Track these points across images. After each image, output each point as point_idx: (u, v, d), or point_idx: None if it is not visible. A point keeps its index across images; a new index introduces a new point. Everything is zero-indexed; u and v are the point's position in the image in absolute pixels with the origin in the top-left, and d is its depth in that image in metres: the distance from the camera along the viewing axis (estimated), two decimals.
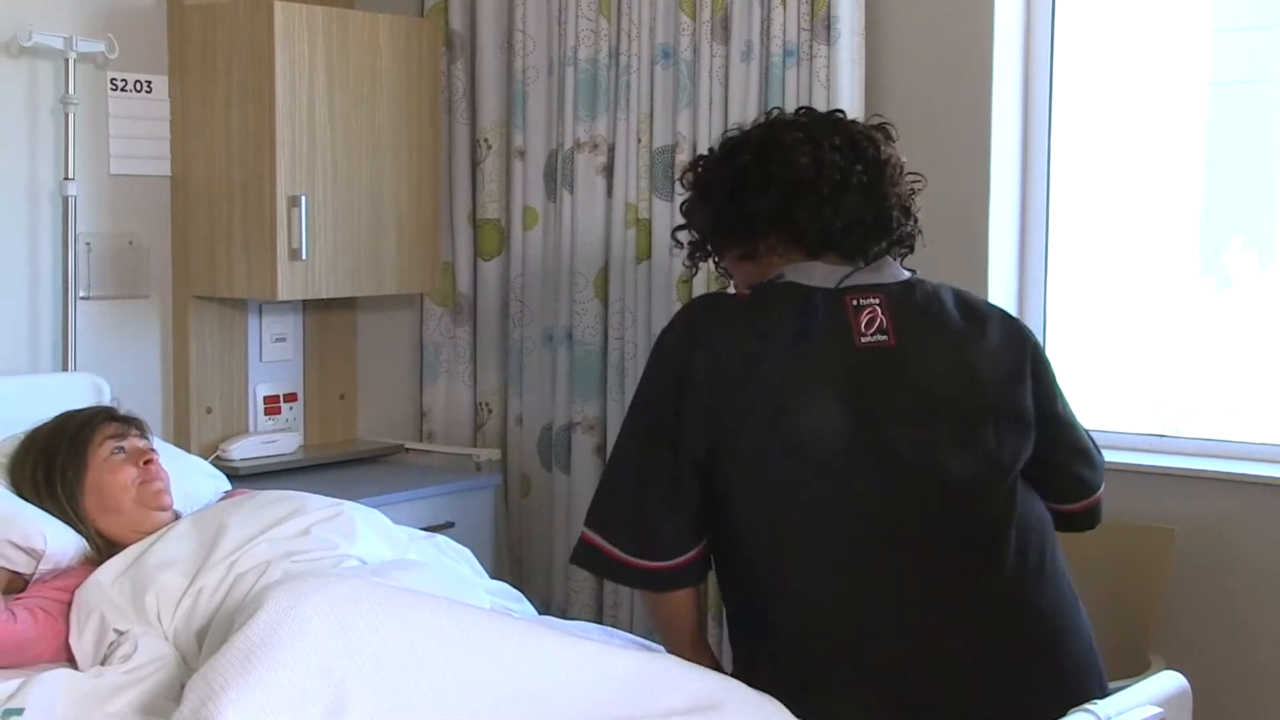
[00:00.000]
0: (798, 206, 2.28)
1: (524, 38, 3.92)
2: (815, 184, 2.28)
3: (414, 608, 2.22)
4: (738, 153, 2.35)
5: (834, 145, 2.32)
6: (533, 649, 2.22)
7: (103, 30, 3.51)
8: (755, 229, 2.33)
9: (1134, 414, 3.57)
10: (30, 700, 2.26)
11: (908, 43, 3.53)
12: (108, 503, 2.78)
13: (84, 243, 3.55)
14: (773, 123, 2.40)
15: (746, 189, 2.31)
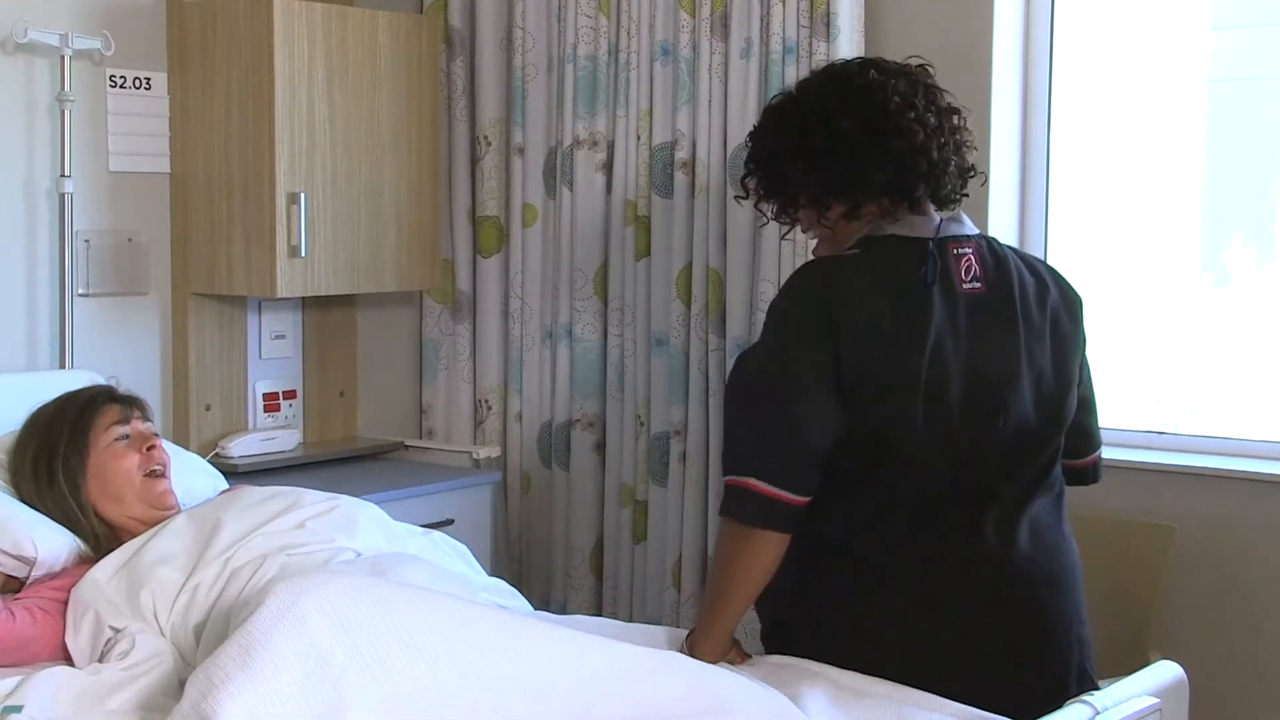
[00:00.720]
0: (912, 173, 2.39)
1: (523, 34, 3.92)
2: (927, 151, 2.39)
3: (414, 603, 2.22)
4: (836, 119, 2.39)
5: (926, 105, 2.43)
6: (533, 642, 2.22)
7: (100, 27, 3.50)
8: (868, 193, 2.41)
9: (1134, 411, 3.57)
10: (29, 698, 2.26)
11: (907, 39, 3.52)
12: (110, 490, 2.77)
13: (83, 240, 3.54)
14: (867, 84, 2.42)
15: (860, 157, 2.38)
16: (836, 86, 2.43)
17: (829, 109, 2.40)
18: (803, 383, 2.32)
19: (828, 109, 2.40)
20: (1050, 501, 2.48)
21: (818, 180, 2.43)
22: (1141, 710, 2.10)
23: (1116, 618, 3.21)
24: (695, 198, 3.68)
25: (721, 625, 2.43)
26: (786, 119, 2.47)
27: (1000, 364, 2.37)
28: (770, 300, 2.52)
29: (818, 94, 2.44)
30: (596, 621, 2.62)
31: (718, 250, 3.67)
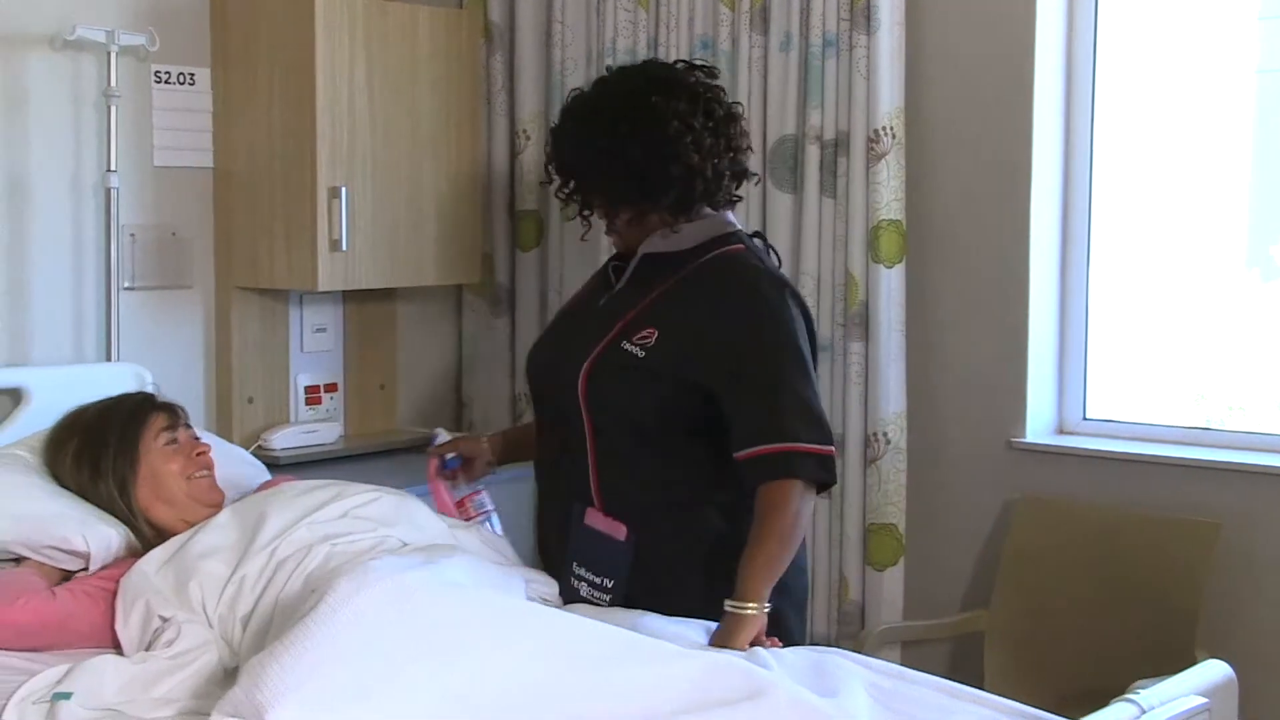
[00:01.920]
0: (691, 193, 2.65)
1: (563, 29, 3.93)
2: (703, 171, 2.64)
3: (467, 600, 2.25)
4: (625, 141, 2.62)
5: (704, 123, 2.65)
6: (585, 637, 2.25)
7: (145, 23, 3.52)
8: (653, 208, 2.68)
9: (1179, 407, 3.55)
10: (78, 685, 2.29)
11: (949, 32, 3.52)
12: (162, 493, 2.79)
13: (128, 234, 3.57)
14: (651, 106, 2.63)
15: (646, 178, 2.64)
16: (626, 108, 2.65)
17: (621, 132, 2.63)
18: (808, 367, 2.64)
19: (620, 132, 2.63)
20: None
21: (608, 193, 2.69)
22: (1189, 710, 2.08)
23: (1161, 615, 3.19)
24: None
25: (774, 582, 2.54)
26: (584, 132, 2.69)
27: None
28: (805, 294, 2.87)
29: (611, 115, 2.65)
30: (634, 613, 2.62)
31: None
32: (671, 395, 2.61)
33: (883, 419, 3.50)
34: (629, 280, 2.73)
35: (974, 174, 3.52)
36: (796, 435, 2.54)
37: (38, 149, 3.41)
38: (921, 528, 3.59)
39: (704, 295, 2.64)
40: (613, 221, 2.73)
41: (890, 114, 3.46)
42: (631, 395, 2.63)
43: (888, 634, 3.46)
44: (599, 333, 2.69)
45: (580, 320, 2.80)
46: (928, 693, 2.37)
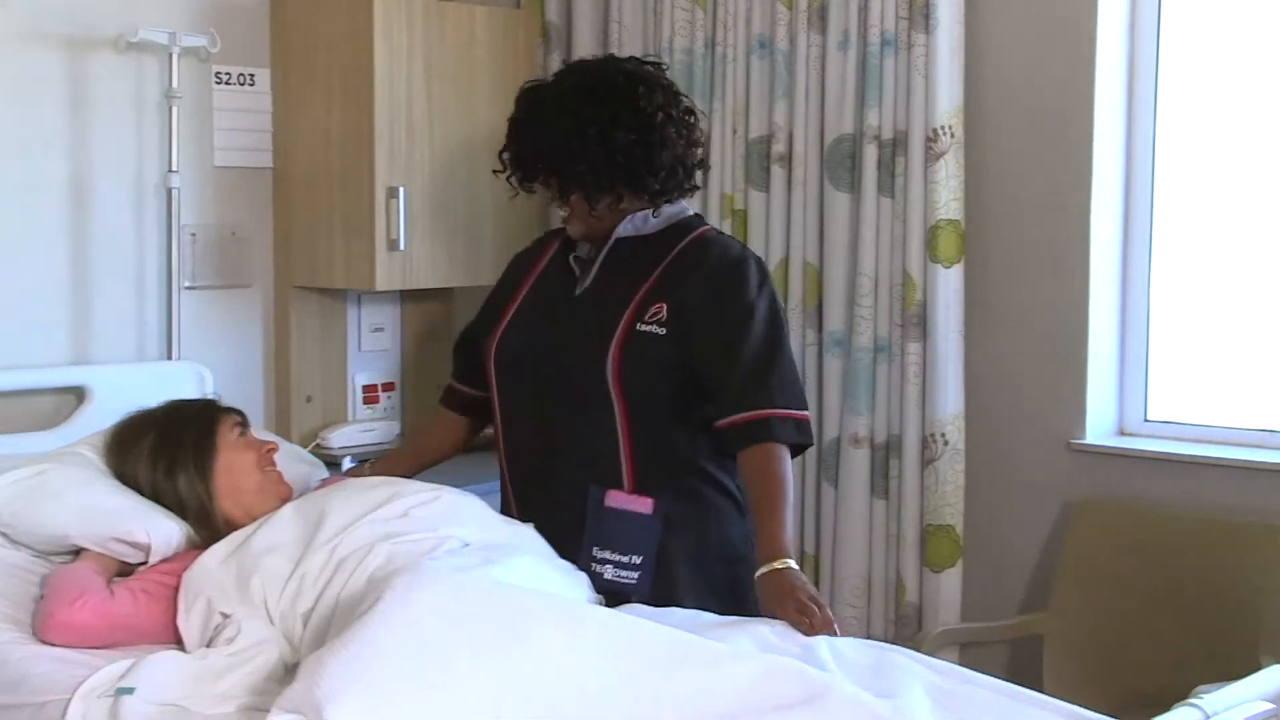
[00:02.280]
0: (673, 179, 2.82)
1: (620, 29, 3.93)
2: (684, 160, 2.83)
3: (526, 599, 2.26)
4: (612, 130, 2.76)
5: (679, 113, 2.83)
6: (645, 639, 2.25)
7: (206, 25, 3.56)
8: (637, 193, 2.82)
9: (1242, 409, 3.50)
10: (140, 680, 2.30)
11: (1008, 31, 3.50)
12: (239, 481, 2.81)
13: (189, 233, 3.60)
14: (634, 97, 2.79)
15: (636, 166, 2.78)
16: (614, 99, 2.77)
17: (602, 118, 2.75)
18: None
19: (603, 120, 2.75)
20: None
21: (595, 181, 2.79)
22: (1256, 716, 2.06)
23: (1224, 619, 3.16)
24: (792, 191, 3.67)
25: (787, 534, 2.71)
26: (570, 122, 2.78)
27: None
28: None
29: (596, 105, 2.77)
30: (689, 614, 2.62)
31: (815, 244, 3.66)
32: (689, 367, 2.77)
33: (940, 420, 3.48)
34: (602, 266, 2.87)
35: (1034, 172, 3.50)
36: (774, 401, 2.72)
37: (101, 150, 3.45)
38: (979, 529, 3.57)
39: (697, 273, 2.80)
40: (592, 209, 2.83)
41: (949, 113, 3.44)
42: (661, 372, 2.77)
43: (945, 636, 3.44)
44: (607, 317, 2.80)
45: (560, 308, 2.90)
46: (989, 695, 2.35)
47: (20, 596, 2.64)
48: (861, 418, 3.57)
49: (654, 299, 2.80)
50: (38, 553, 2.76)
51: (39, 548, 2.75)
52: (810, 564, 3.71)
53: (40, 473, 2.80)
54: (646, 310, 2.79)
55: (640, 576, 2.76)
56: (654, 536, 2.77)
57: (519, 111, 2.94)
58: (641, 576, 2.76)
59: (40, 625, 2.52)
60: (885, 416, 3.58)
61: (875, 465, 3.59)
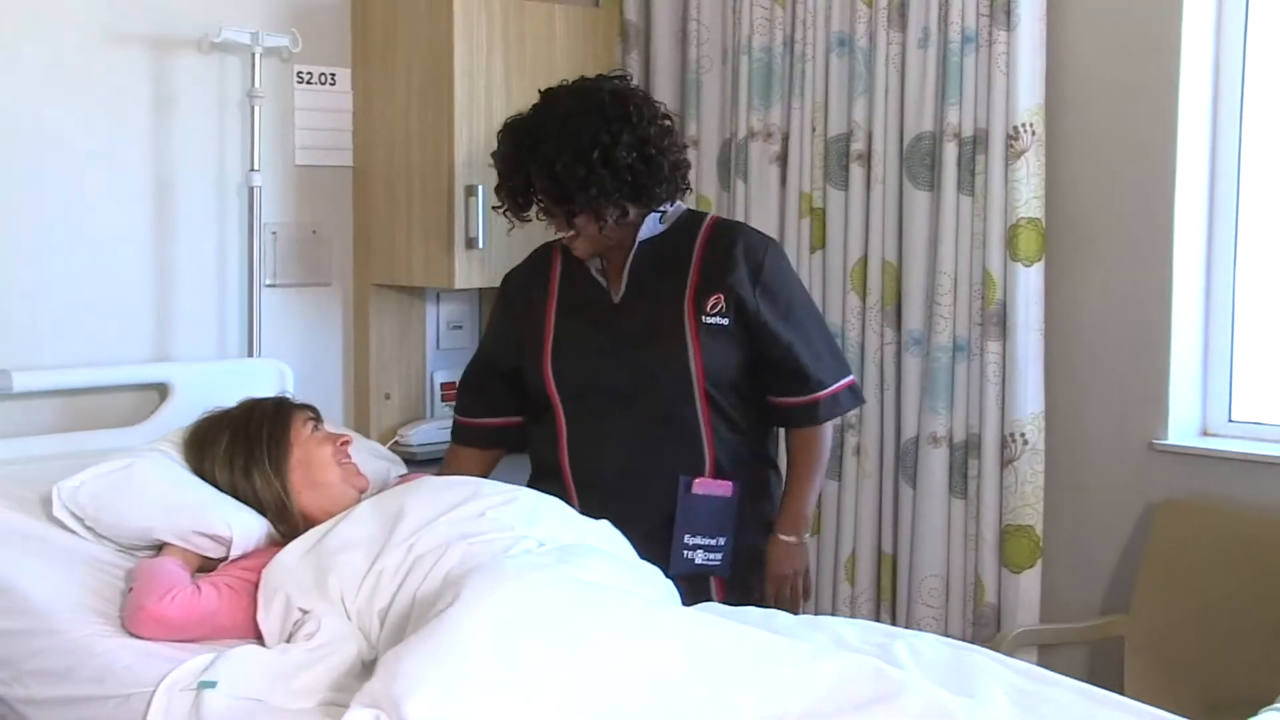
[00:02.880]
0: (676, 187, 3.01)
1: (698, 27, 3.93)
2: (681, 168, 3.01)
3: (601, 598, 2.26)
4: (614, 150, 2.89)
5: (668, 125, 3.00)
6: (720, 638, 2.25)
7: (288, 25, 3.59)
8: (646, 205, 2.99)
9: None
10: (222, 674, 2.34)
11: (1091, 27, 3.46)
12: (315, 476, 2.85)
13: (270, 232, 3.64)
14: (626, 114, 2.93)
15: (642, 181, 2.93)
16: (609, 117, 2.90)
17: (603, 141, 2.88)
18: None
19: (602, 141, 2.88)
20: None
21: (606, 199, 2.90)
22: None
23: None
24: (871, 189, 3.65)
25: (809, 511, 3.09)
26: (566, 153, 2.88)
27: None
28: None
29: (594, 126, 2.89)
30: (765, 613, 2.62)
31: (893, 242, 3.64)
32: (753, 352, 2.99)
33: (1020, 419, 3.45)
34: (631, 272, 3.03)
35: (1116, 170, 3.45)
36: (824, 383, 3.00)
37: (184, 149, 3.49)
38: (1059, 530, 3.54)
39: (735, 261, 2.98)
40: (601, 228, 2.95)
41: (1030, 110, 3.41)
42: (731, 359, 2.98)
43: (1024, 637, 3.41)
44: (665, 316, 2.97)
45: (604, 321, 3.04)
46: (1070, 696, 2.33)
47: (104, 590, 2.69)
48: (940, 417, 3.55)
49: (707, 291, 2.98)
50: (120, 547, 2.80)
51: (122, 542, 2.80)
52: (888, 563, 3.69)
53: (124, 468, 2.84)
54: (705, 303, 2.97)
55: (723, 557, 3.01)
56: (733, 517, 3.00)
57: (507, 147, 3.02)
58: (724, 557, 3.01)
59: (129, 618, 2.56)
60: (964, 416, 3.55)
61: (954, 465, 3.56)
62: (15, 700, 2.56)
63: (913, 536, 3.61)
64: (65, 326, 3.33)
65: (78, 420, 3.32)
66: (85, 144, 3.34)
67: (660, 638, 2.23)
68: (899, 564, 3.67)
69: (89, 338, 3.37)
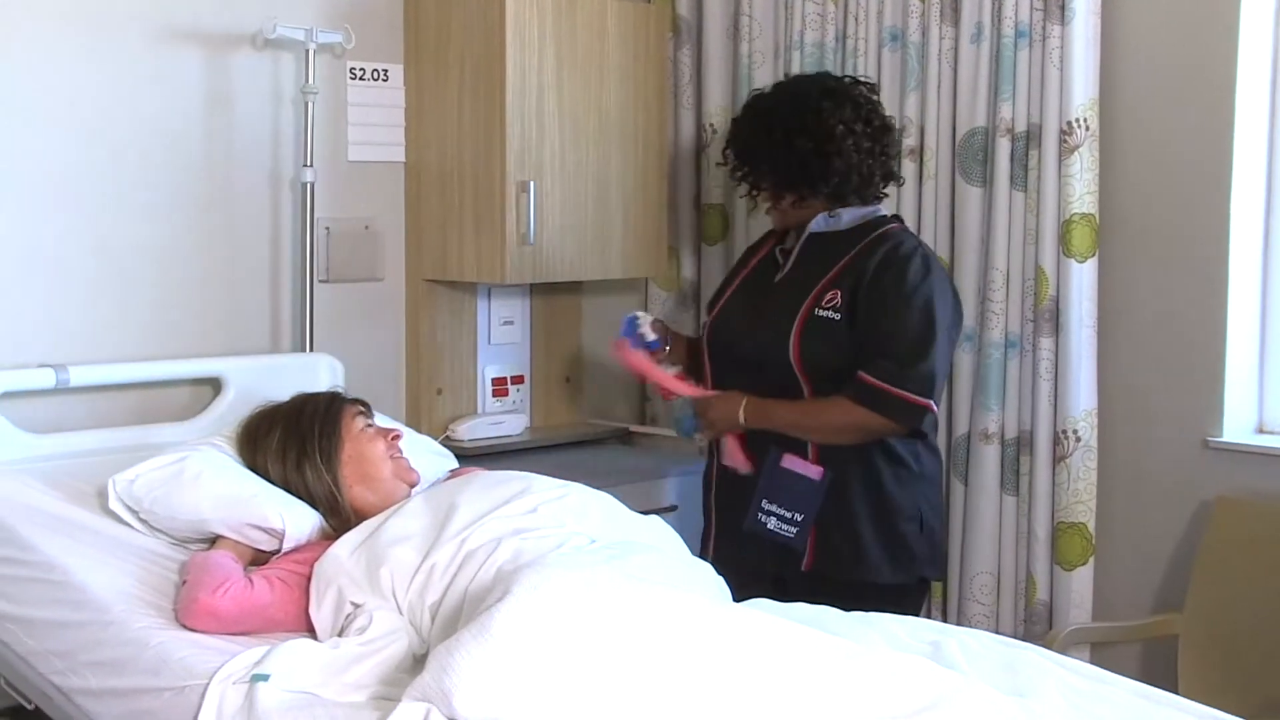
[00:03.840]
0: (846, 185, 3.14)
1: (750, 22, 3.92)
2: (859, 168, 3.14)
3: (652, 595, 2.27)
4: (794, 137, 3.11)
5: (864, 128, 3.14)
6: (772, 636, 2.25)
7: (341, 21, 3.61)
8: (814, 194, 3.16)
9: None
10: (275, 667, 2.35)
11: (1147, 22, 3.42)
12: (366, 470, 2.87)
13: (323, 227, 3.66)
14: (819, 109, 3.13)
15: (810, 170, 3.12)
16: (800, 110, 3.12)
17: (790, 127, 3.11)
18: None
19: (790, 127, 3.11)
20: None
21: (775, 180, 3.17)
22: None
23: None
24: (923, 185, 3.63)
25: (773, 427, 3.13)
26: (763, 125, 3.16)
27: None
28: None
29: (785, 114, 3.13)
30: (816, 610, 2.61)
31: (946, 238, 3.62)
32: (858, 346, 3.06)
33: (1072, 416, 3.43)
34: (798, 257, 3.20)
35: (1172, 165, 3.42)
36: (875, 371, 3.02)
37: (239, 145, 3.52)
38: (1112, 527, 3.51)
39: (869, 264, 3.08)
40: (778, 202, 3.20)
41: (1084, 105, 3.38)
42: (836, 351, 3.07)
43: (1077, 635, 3.39)
44: (794, 302, 3.14)
45: (762, 294, 3.25)
46: (1125, 696, 2.32)
47: (158, 583, 2.71)
48: (992, 413, 3.53)
49: (832, 287, 3.12)
50: (174, 540, 2.83)
51: (176, 534, 2.82)
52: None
53: (179, 461, 2.86)
54: (824, 297, 3.11)
55: (798, 533, 3.11)
56: (817, 500, 3.10)
57: (741, 111, 3.31)
58: (799, 533, 3.11)
59: (183, 610, 2.58)
60: (1016, 412, 3.53)
61: (1006, 461, 3.54)
62: (72, 690, 2.58)
63: (964, 533, 3.59)
64: (121, 321, 3.36)
65: (133, 414, 3.36)
66: (142, 139, 3.37)
67: (709, 635, 2.23)
68: (950, 560, 3.65)
69: (144, 333, 3.40)
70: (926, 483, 3.17)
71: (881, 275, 3.06)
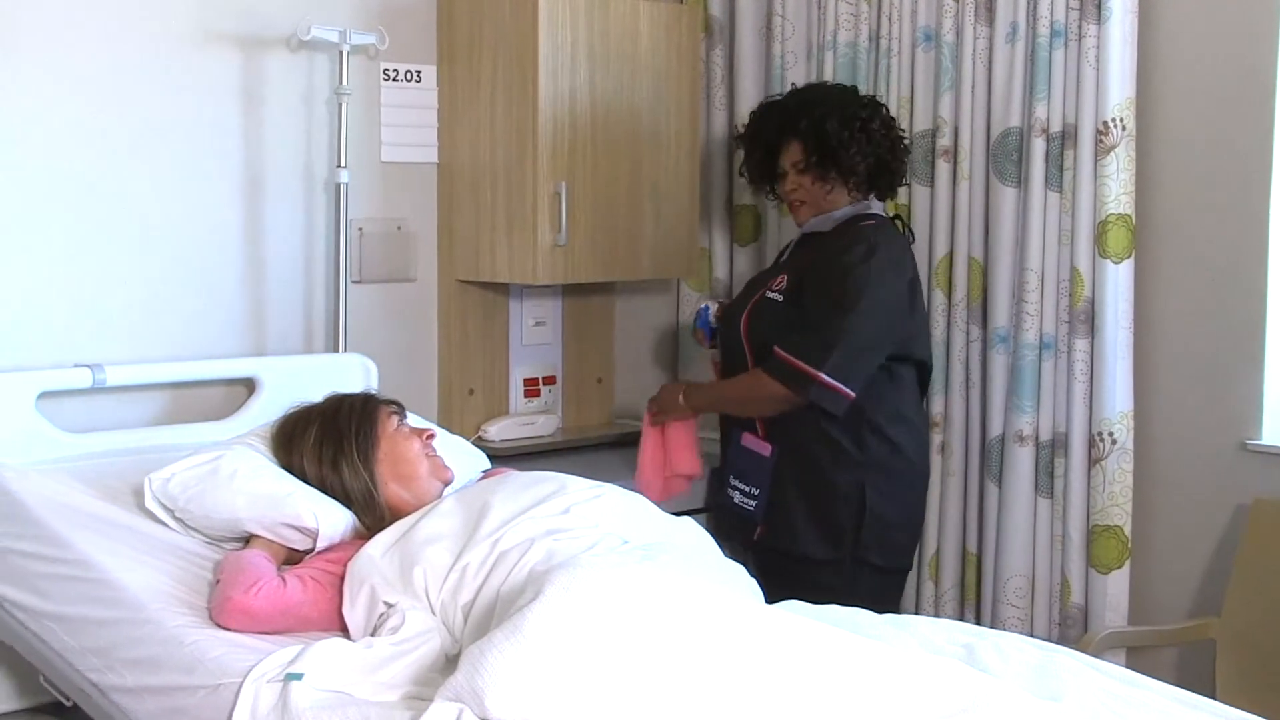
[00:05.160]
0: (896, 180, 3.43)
1: (783, 22, 3.91)
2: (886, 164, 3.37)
3: (684, 596, 2.26)
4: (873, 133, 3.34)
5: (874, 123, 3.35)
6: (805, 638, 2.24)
7: (375, 23, 3.62)
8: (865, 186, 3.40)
9: None
10: (308, 666, 2.35)
11: (1186, 20, 3.40)
12: (402, 470, 2.87)
13: (356, 228, 3.67)
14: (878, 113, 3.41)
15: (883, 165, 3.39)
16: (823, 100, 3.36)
17: (819, 114, 3.32)
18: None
19: (818, 114, 3.32)
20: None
21: (808, 156, 3.33)
22: None
23: None
24: (958, 185, 3.62)
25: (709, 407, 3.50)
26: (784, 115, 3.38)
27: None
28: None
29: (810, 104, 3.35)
30: (849, 612, 2.60)
31: (980, 239, 3.61)
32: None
33: (1108, 418, 3.41)
34: (790, 254, 3.46)
35: (1209, 165, 3.40)
36: (796, 352, 3.20)
37: (272, 145, 3.53)
38: (1148, 530, 3.49)
39: (824, 252, 3.30)
40: (800, 187, 3.37)
41: (1120, 105, 3.36)
42: (772, 327, 3.27)
43: (1112, 639, 3.36)
44: (758, 290, 3.39)
45: (752, 285, 3.52)
46: (1162, 701, 2.30)
47: (193, 581, 2.72)
48: (1026, 415, 3.51)
49: (781, 271, 3.38)
50: (208, 539, 2.84)
51: (210, 533, 2.83)
52: (972, 563, 3.66)
53: (213, 460, 2.87)
54: (775, 280, 3.35)
55: (757, 506, 3.34)
56: (768, 475, 3.32)
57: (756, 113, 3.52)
58: (758, 506, 3.33)
59: (216, 609, 2.58)
60: (1050, 414, 3.51)
61: (1040, 464, 3.52)
62: (108, 688, 2.60)
63: (998, 536, 3.57)
64: (157, 321, 3.38)
65: (168, 414, 3.37)
66: (177, 141, 3.39)
67: (742, 637, 2.22)
68: (984, 563, 3.63)
69: (180, 332, 3.41)
70: (875, 470, 3.28)
71: (823, 260, 3.27)
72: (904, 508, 3.38)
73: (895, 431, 3.31)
